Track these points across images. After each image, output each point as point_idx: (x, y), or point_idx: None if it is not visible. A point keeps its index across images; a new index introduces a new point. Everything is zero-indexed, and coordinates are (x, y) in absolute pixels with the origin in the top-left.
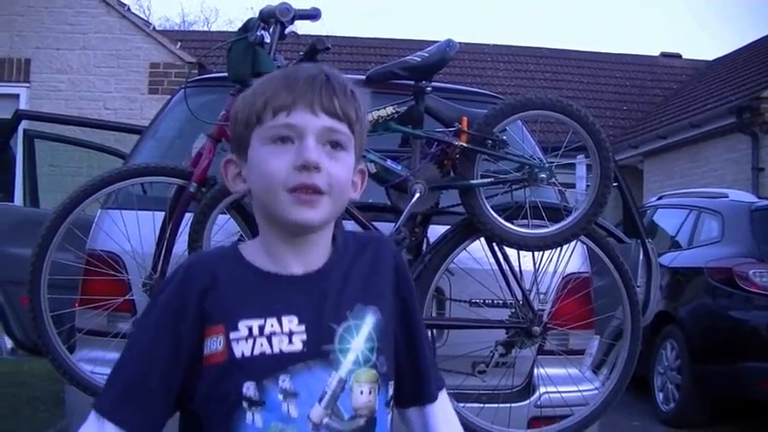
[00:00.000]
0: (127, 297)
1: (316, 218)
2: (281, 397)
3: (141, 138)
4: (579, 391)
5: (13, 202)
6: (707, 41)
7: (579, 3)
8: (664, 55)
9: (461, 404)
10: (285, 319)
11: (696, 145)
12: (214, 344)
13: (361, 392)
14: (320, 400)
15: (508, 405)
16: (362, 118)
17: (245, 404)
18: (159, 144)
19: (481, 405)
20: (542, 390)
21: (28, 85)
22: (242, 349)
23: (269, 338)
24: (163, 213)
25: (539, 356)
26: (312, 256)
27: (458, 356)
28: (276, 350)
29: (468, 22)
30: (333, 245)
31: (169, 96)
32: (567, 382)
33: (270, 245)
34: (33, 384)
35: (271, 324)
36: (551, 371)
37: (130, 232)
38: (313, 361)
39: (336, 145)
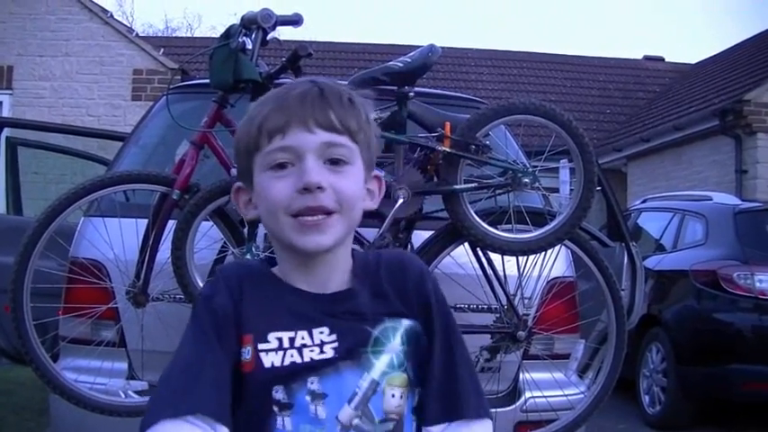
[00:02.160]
0: (110, 305)
1: (326, 241)
2: (308, 398)
3: (124, 145)
4: (565, 395)
5: None
6: (690, 44)
7: (562, 7)
8: (647, 58)
9: None
10: (316, 331)
11: (680, 148)
12: (246, 353)
13: (393, 396)
14: (350, 402)
15: (494, 410)
16: (366, 125)
17: (275, 408)
18: (142, 151)
19: None
20: (528, 394)
21: (10, 92)
22: (272, 360)
23: (300, 350)
24: (146, 221)
25: (524, 361)
26: (328, 280)
27: None
28: (307, 359)
29: (451, 26)
30: (352, 263)
31: (152, 103)
32: (552, 387)
33: (285, 271)
34: (19, 393)
35: (302, 336)
36: (537, 375)
37: (113, 240)
38: (343, 362)
39: (338, 161)
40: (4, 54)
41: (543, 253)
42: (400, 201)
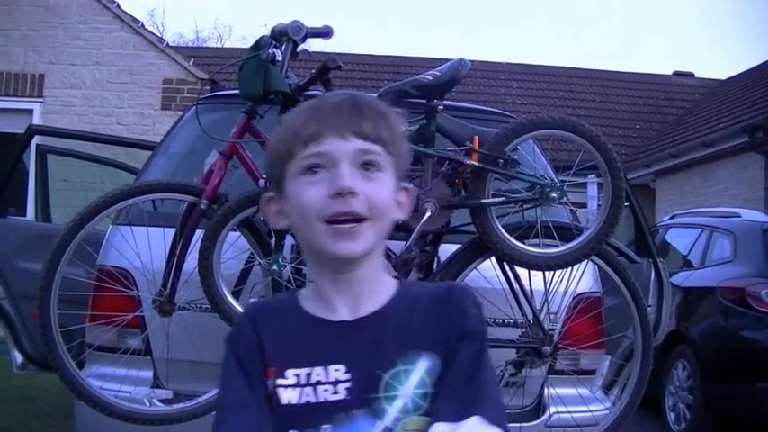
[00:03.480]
0: (137, 313)
1: (357, 249)
2: None
3: (153, 154)
4: (590, 411)
5: (25, 216)
6: (720, 60)
7: (591, 22)
8: (676, 74)
9: None
10: (332, 368)
11: (708, 164)
12: (270, 385)
13: None
14: None
15: (518, 425)
16: (398, 138)
17: None
18: (171, 160)
19: None
20: (553, 410)
21: (41, 100)
22: (288, 397)
23: (314, 387)
24: (173, 230)
25: (549, 376)
26: (362, 295)
27: None
28: (321, 399)
29: (481, 40)
30: (397, 286)
31: (182, 113)
32: (577, 402)
33: (319, 285)
34: (43, 399)
35: (317, 373)
36: (562, 391)
37: (141, 248)
38: (357, 410)
39: (370, 165)
40: (36, 62)
41: (570, 268)
42: (428, 214)
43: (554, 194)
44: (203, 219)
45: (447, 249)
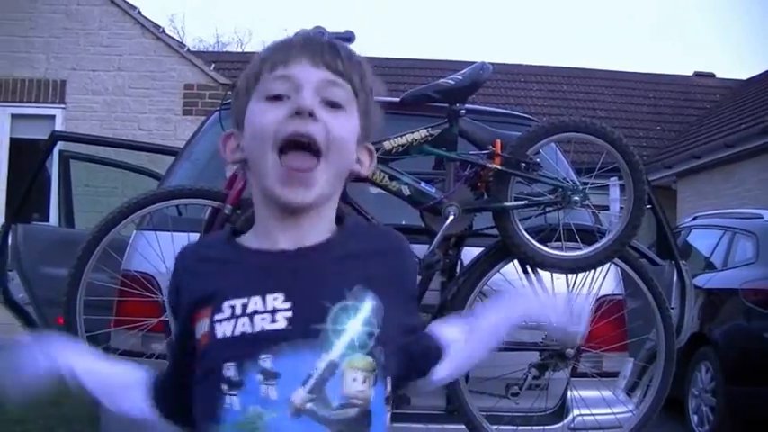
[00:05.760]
0: (161, 318)
1: (310, 197)
2: (260, 378)
3: (176, 159)
4: (613, 413)
5: (48, 222)
6: (741, 61)
7: (612, 23)
8: (697, 74)
9: (495, 426)
10: (270, 297)
11: (730, 165)
12: (202, 327)
13: (354, 380)
14: (304, 383)
15: (542, 427)
16: (367, 88)
17: (224, 387)
18: (194, 166)
19: (515, 427)
20: (576, 412)
21: (63, 106)
22: (223, 330)
23: (251, 317)
24: (198, 235)
25: (572, 379)
26: (308, 234)
27: (491, 378)
28: (257, 329)
29: (501, 42)
30: (339, 224)
31: (203, 117)
32: (600, 405)
33: (263, 219)
34: (68, 404)
35: (254, 302)
36: (585, 393)
37: (165, 254)
38: (301, 340)
39: (335, 105)
40: (58, 69)
41: (592, 271)
42: (451, 217)
43: (576, 197)
44: (227, 224)
45: (470, 252)
